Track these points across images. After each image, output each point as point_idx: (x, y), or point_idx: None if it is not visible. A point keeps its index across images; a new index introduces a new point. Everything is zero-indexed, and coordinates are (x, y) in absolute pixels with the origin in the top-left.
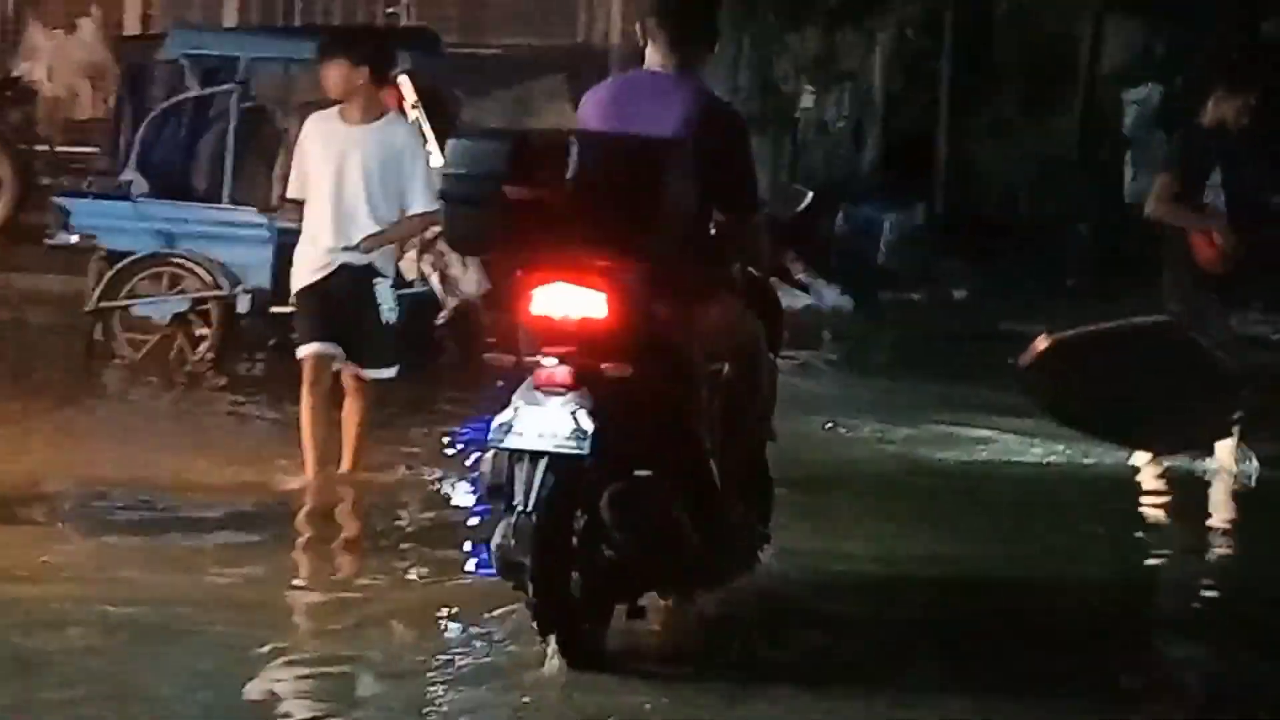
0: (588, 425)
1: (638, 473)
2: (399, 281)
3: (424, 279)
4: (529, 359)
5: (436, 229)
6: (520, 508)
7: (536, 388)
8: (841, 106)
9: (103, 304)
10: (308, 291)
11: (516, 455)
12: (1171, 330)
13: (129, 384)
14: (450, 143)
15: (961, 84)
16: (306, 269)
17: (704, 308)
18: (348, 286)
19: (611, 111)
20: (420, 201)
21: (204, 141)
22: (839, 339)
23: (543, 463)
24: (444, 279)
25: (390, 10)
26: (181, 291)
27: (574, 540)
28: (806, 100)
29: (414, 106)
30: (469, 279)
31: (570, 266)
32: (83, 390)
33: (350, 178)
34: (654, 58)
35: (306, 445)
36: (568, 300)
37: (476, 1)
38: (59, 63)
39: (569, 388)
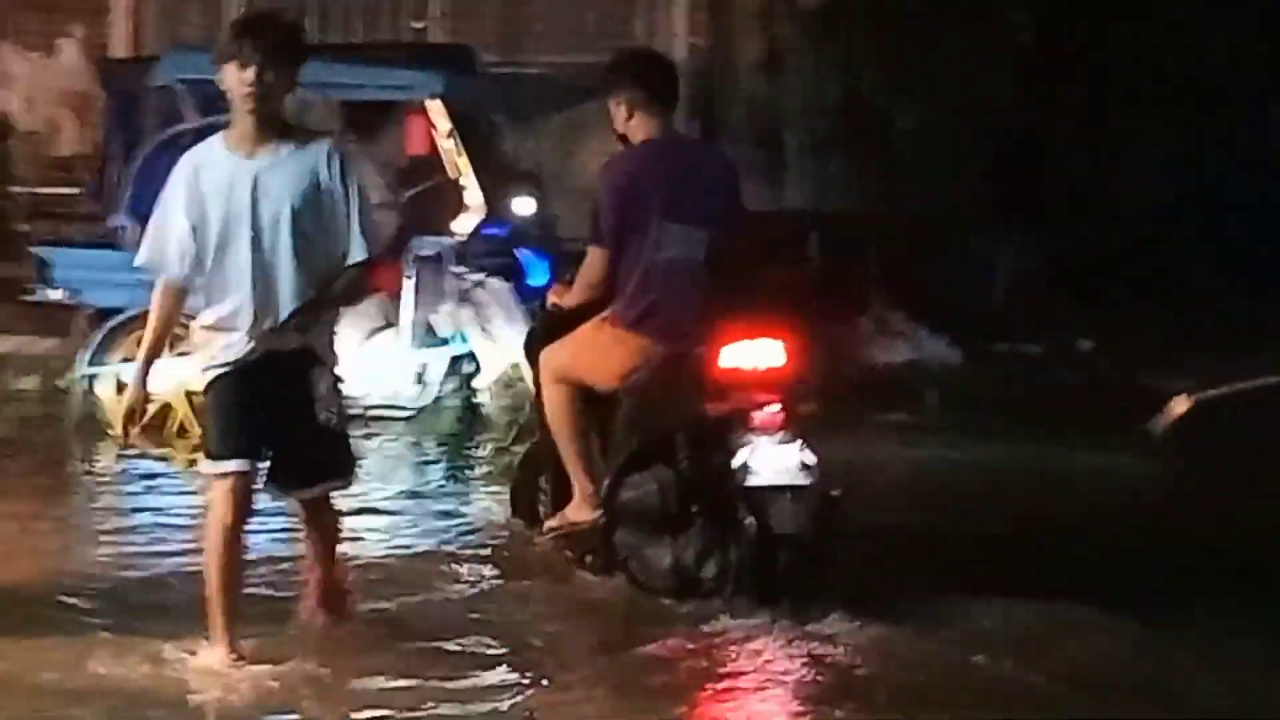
0: (810, 460)
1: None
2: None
3: (462, 336)
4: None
5: (477, 276)
6: (775, 531)
7: (751, 430)
8: (946, 124)
9: (91, 369)
10: (220, 386)
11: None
12: None
13: (122, 464)
14: None
15: (1082, 104)
16: (215, 354)
17: None
18: (272, 380)
19: (675, 176)
20: (359, 247)
21: None
22: (945, 398)
23: (787, 494)
24: (484, 335)
25: (418, 24)
26: (183, 354)
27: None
28: (904, 119)
29: (447, 136)
30: (514, 335)
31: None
32: (66, 475)
33: (261, 228)
34: (649, 126)
35: (214, 603)
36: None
37: (519, 14)
38: (37, 91)
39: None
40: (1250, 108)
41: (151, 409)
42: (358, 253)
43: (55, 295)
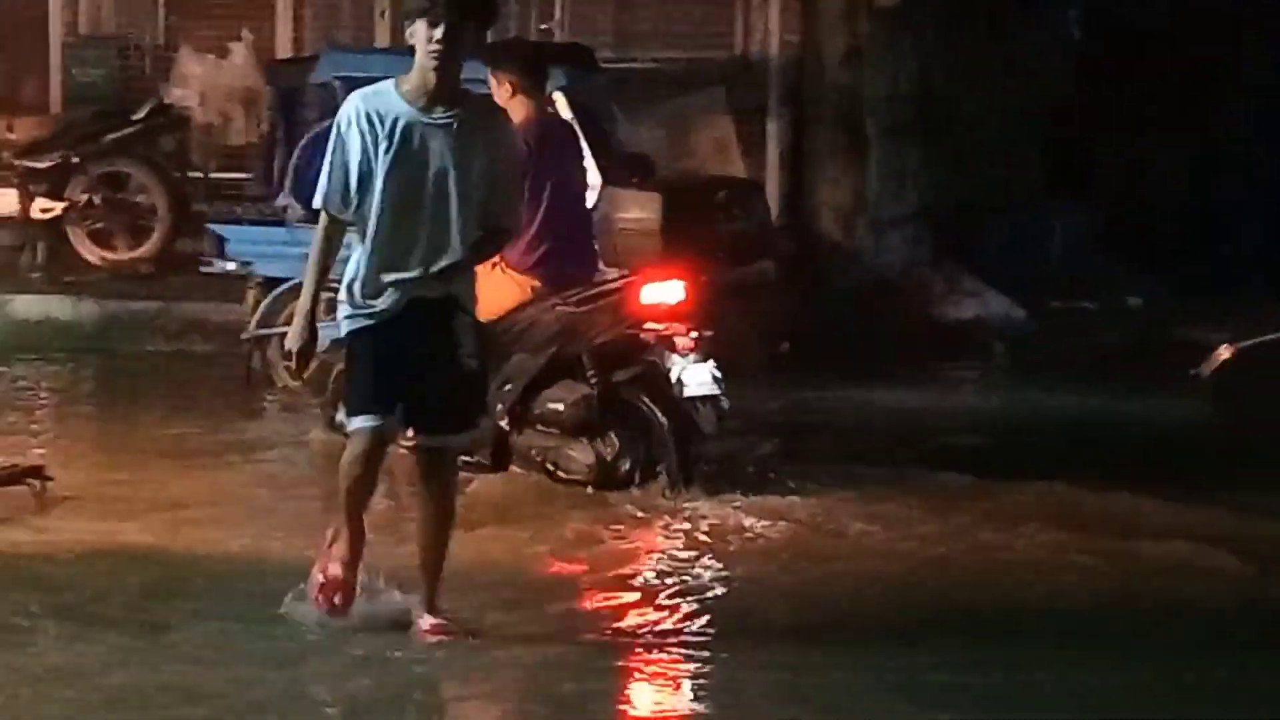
0: (719, 375)
1: None
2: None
3: None
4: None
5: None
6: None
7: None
8: (1007, 109)
9: (260, 331)
10: (363, 339)
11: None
12: None
13: (290, 412)
14: None
15: (1128, 83)
16: (362, 305)
17: None
18: (416, 328)
19: (555, 148)
20: (509, 217)
21: None
22: (1010, 351)
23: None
24: None
25: (544, 26)
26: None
27: None
28: (968, 105)
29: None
30: None
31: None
32: (241, 419)
33: (428, 180)
34: (529, 106)
35: (340, 549)
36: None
37: (630, 16)
38: (211, 88)
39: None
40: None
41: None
42: (507, 222)
43: (229, 267)
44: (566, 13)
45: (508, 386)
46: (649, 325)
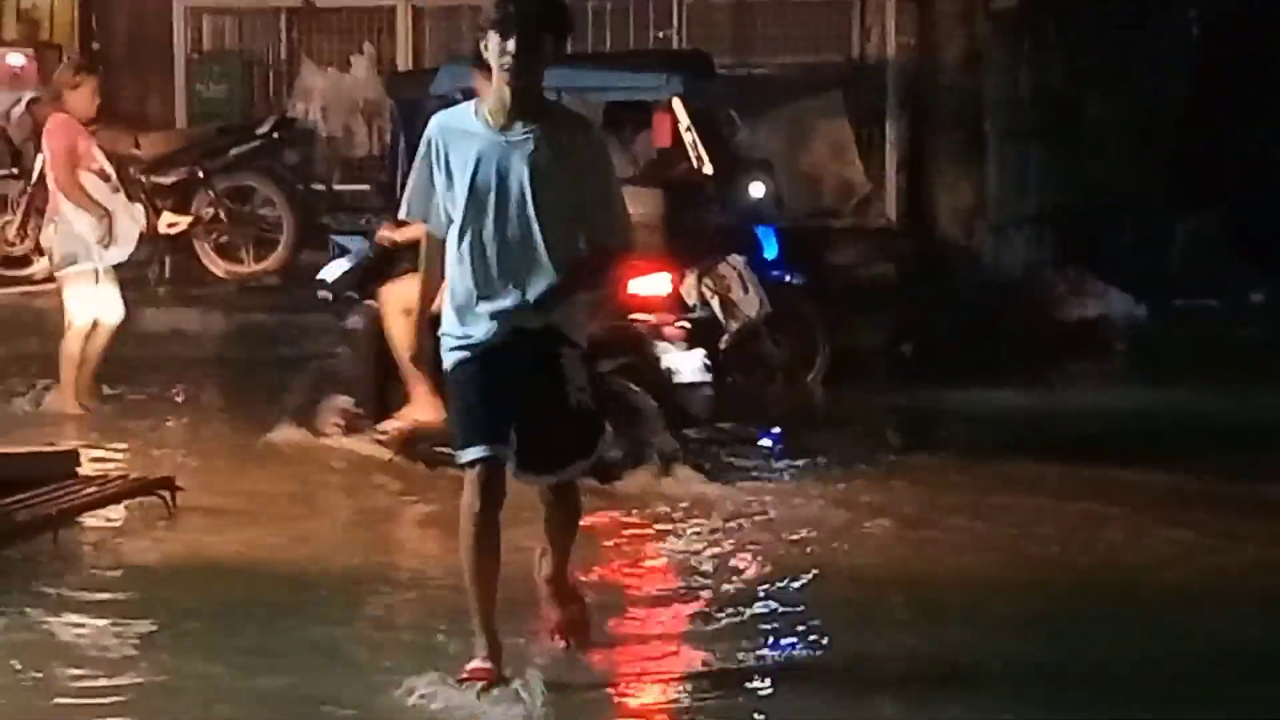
0: (708, 363)
1: None
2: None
3: (705, 303)
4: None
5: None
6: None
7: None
8: (1127, 111)
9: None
10: (464, 369)
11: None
12: None
13: None
14: None
15: (1249, 81)
16: (458, 335)
17: None
18: (518, 361)
19: None
20: (614, 233)
21: None
22: (1133, 348)
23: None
24: (724, 303)
25: (662, 34)
26: None
27: None
28: (1089, 107)
29: (688, 130)
30: (750, 301)
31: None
32: None
33: (509, 204)
34: None
35: (472, 599)
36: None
37: (748, 22)
38: (333, 102)
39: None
40: None
41: None
42: (612, 239)
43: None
44: (684, 20)
45: None
46: (638, 316)
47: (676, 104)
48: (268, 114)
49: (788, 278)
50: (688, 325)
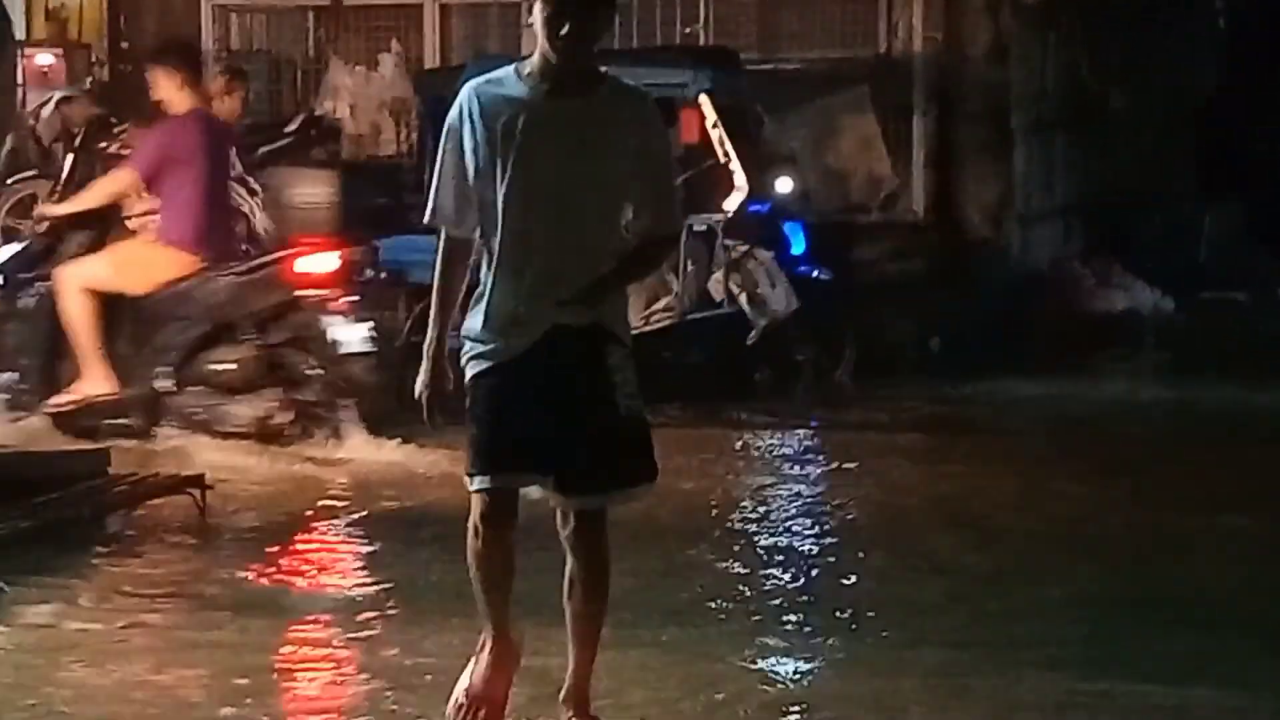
0: (374, 333)
1: None
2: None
3: (732, 299)
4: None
5: (744, 247)
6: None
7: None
8: (1154, 104)
9: (414, 338)
10: (487, 381)
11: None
12: None
13: None
14: None
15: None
16: (489, 339)
17: None
18: (558, 365)
19: (211, 139)
20: (670, 218)
21: None
22: (1160, 341)
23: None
24: (752, 299)
25: (688, 29)
26: None
27: None
28: (1115, 99)
29: (714, 126)
30: (777, 297)
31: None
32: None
33: (557, 183)
34: (192, 99)
35: (484, 604)
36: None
37: (774, 17)
38: (361, 99)
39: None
40: None
41: None
42: (668, 225)
43: (382, 275)
44: (710, 15)
45: (171, 353)
46: (307, 292)
47: (704, 100)
48: (295, 112)
49: (815, 273)
50: (356, 298)
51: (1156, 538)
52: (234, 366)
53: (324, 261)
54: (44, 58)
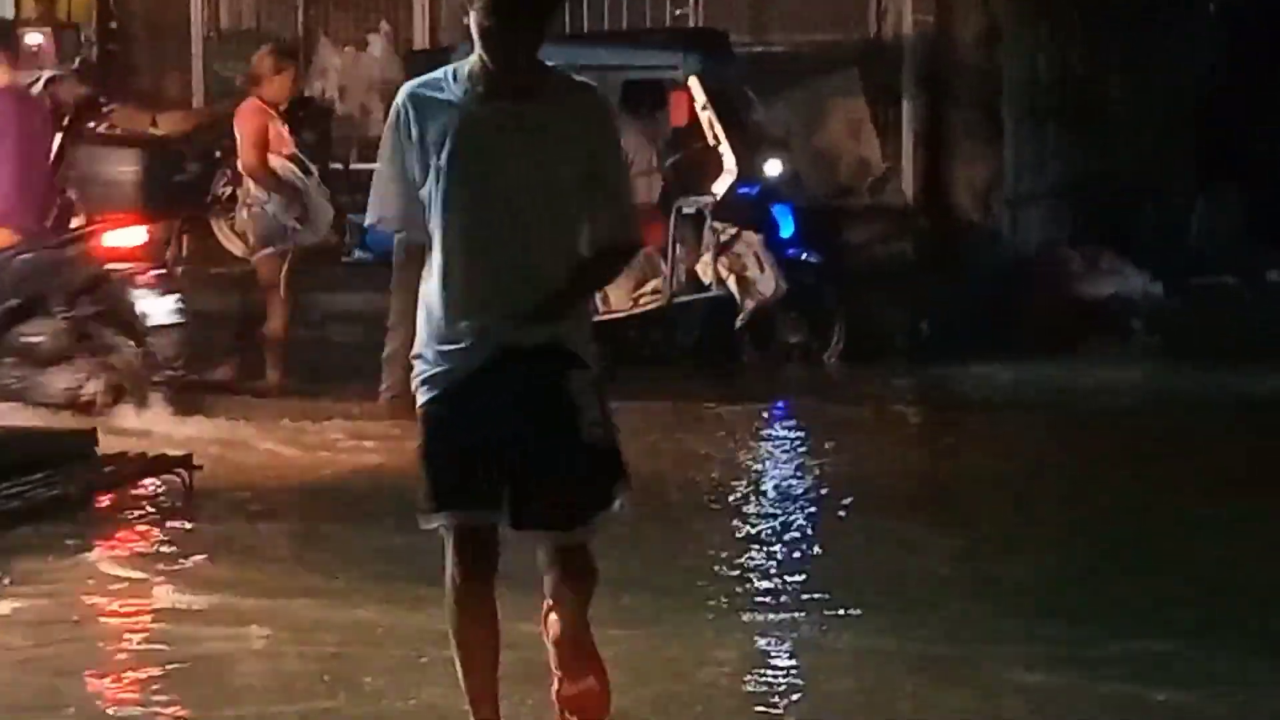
0: (182, 306)
1: None
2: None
3: (721, 282)
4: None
5: (733, 230)
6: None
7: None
8: (1145, 89)
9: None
10: (437, 408)
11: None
12: None
13: None
14: None
15: (1273, 63)
16: (436, 362)
17: None
18: (513, 389)
19: (33, 118)
20: (626, 228)
21: None
22: (1150, 326)
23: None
24: (740, 281)
25: (679, 12)
26: None
27: None
28: (1112, 92)
29: (704, 109)
30: (766, 280)
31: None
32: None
33: (500, 191)
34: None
35: (465, 687)
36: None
37: (764, 0)
38: (350, 81)
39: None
40: None
41: None
42: (624, 235)
43: (370, 257)
44: None
45: None
46: (114, 265)
47: (694, 82)
48: None
49: (804, 256)
50: (162, 272)
51: (1148, 521)
52: (44, 339)
53: (133, 236)
54: (33, 37)
